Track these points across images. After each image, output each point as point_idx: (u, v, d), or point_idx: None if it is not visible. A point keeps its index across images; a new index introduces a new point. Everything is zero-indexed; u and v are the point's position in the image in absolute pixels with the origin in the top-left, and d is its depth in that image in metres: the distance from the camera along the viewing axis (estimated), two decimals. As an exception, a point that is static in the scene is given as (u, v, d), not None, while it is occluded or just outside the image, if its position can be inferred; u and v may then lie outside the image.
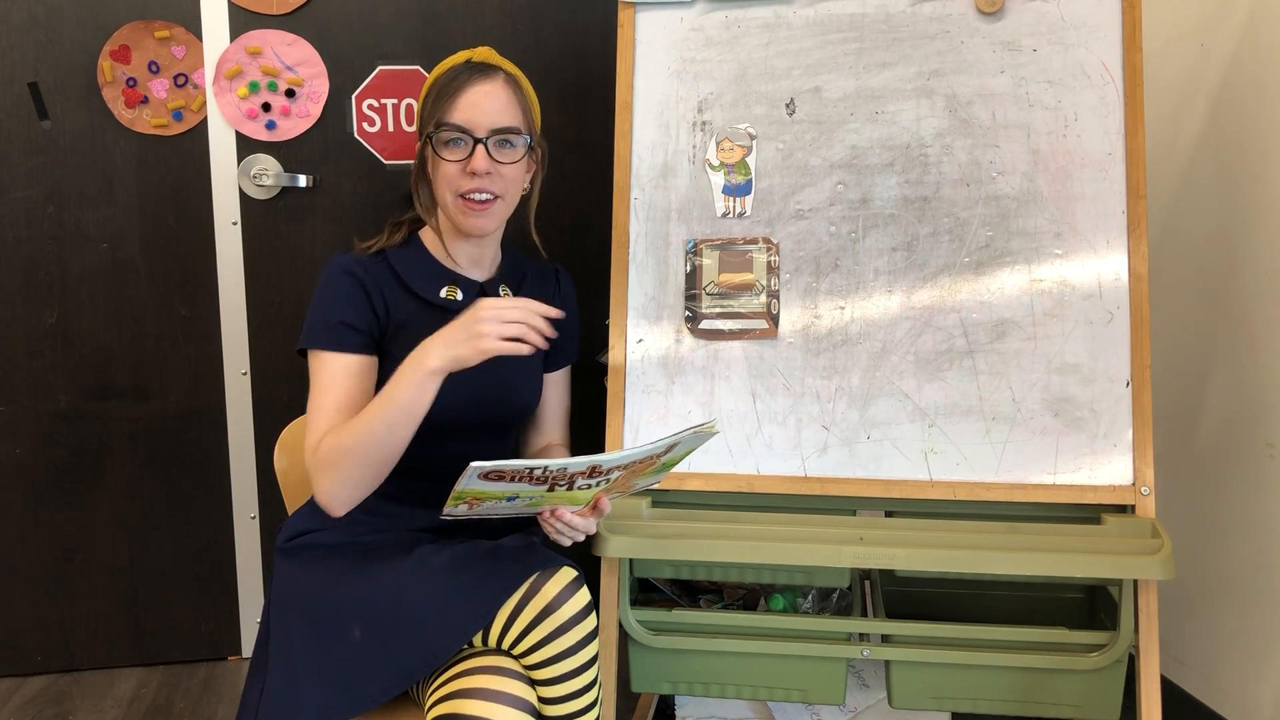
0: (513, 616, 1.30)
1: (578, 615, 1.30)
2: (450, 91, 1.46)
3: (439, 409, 1.41)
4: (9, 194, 2.16)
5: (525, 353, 1.32)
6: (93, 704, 2.20)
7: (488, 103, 1.46)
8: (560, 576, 1.31)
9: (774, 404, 1.63)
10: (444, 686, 1.29)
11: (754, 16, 1.68)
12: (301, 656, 1.32)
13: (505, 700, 1.27)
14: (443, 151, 1.46)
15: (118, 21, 2.13)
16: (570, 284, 1.70)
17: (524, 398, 1.59)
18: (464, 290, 1.54)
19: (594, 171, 2.30)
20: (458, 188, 1.46)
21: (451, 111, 1.45)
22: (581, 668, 1.31)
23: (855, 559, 1.50)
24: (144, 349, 2.24)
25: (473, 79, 1.46)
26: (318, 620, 1.34)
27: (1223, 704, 1.91)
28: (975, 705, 1.58)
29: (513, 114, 1.48)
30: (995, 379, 1.59)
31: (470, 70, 1.47)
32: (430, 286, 1.52)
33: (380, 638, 1.30)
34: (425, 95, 1.50)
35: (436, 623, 1.29)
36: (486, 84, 1.47)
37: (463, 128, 1.45)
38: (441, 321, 1.43)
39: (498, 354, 1.31)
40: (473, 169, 1.44)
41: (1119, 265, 1.58)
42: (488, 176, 1.46)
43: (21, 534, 2.26)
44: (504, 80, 1.49)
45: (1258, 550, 1.83)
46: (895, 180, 1.63)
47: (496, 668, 1.29)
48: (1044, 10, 1.61)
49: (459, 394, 1.43)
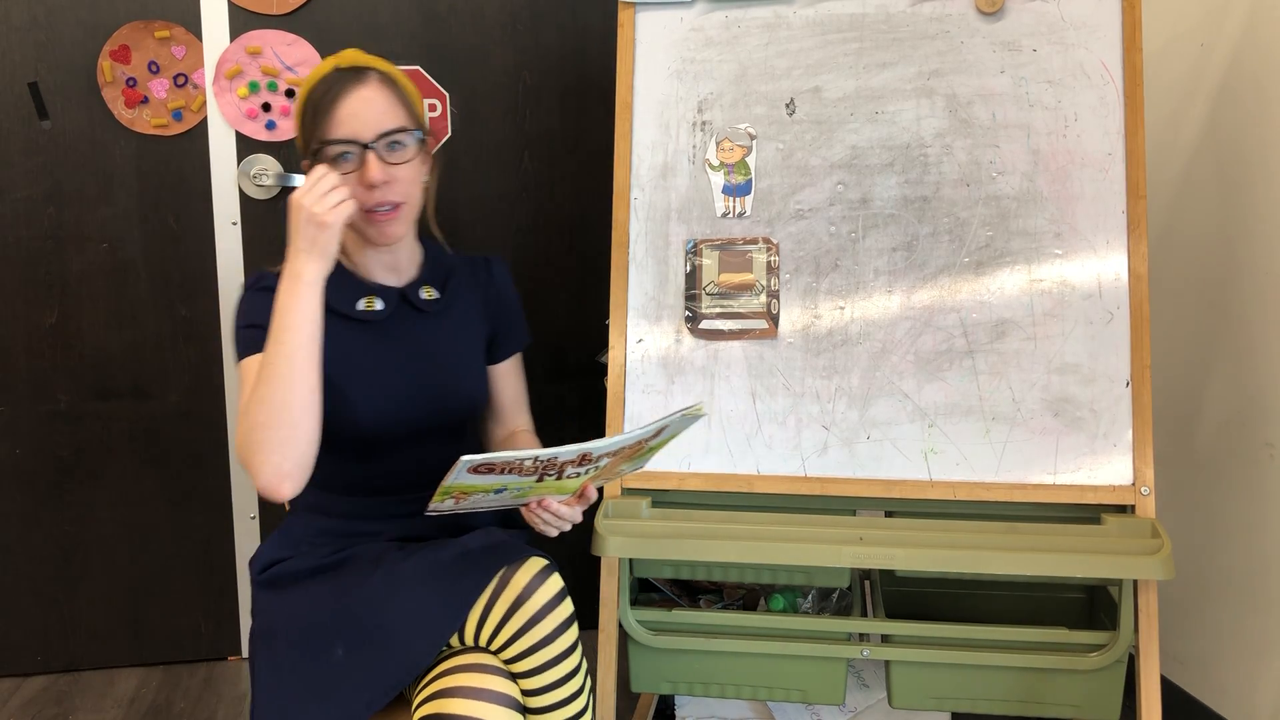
0: (486, 612, 1.30)
1: (550, 603, 1.30)
2: (326, 105, 1.39)
3: (375, 421, 1.42)
4: (9, 194, 2.16)
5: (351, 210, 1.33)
6: (93, 704, 2.20)
7: (367, 109, 1.39)
8: (529, 566, 1.31)
9: (774, 404, 1.63)
10: (428, 686, 1.29)
11: (754, 16, 1.68)
12: (289, 679, 1.32)
13: (489, 697, 1.27)
14: (333, 167, 1.38)
15: (118, 21, 2.13)
16: (504, 270, 1.63)
17: (466, 395, 1.54)
18: (383, 299, 1.49)
19: (594, 171, 2.30)
20: (359, 202, 1.39)
21: (332, 126, 1.38)
22: (561, 655, 1.31)
23: (855, 559, 1.50)
24: (144, 349, 2.24)
25: (346, 87, 1.40)
26: (301, 644, 1.34)
27: (1222, 704, 1.91)
28: (975, 705, 1.58)
29: (395, 114, 1.42)
30: (995, 379, 1.59)
31: (342, 78, 1.40)
32: (347, 301, 1.47)
33: (361, 653, 1.29)
34: (301, 114, 1.43)
35: (412, 632, 1.28)
36: (362, 89, 1.40)
37: (347, 139, 1.38)
38: (360, 333, 1.44)
39: (344, 218, 1.31)
40: (369, 181, 1.38)
41: (1119, 265, 1.58)
42: (386, 186, 1.39)
43: (21, 534, 2.26)
44: (378, 80, 1.42)
45: (1257, 550, 1.83)
46: (895, 180, 1.63)
47: (479, 665, 1.29)
48: (1044, 10, 1.61)
49: (390, 404, 1.44)
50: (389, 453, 1.47)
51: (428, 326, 1.51)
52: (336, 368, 1.42)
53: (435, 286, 1.54)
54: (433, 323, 1.52)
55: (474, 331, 1.57)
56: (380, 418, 1.44)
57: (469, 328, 1.56)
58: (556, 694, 1.31)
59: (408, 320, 1.50)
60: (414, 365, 1.48)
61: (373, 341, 1.47)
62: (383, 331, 1.48)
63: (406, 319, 1.50)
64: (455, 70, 2.24)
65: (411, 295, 1.51)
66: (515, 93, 2.27)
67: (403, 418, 1.46)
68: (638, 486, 1.63)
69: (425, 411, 1.48)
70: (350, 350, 1.44)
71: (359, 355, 1.45)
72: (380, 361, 1.46)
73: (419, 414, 1.47)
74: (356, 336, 1.46)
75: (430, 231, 1.58)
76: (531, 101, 2.27)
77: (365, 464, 1.47)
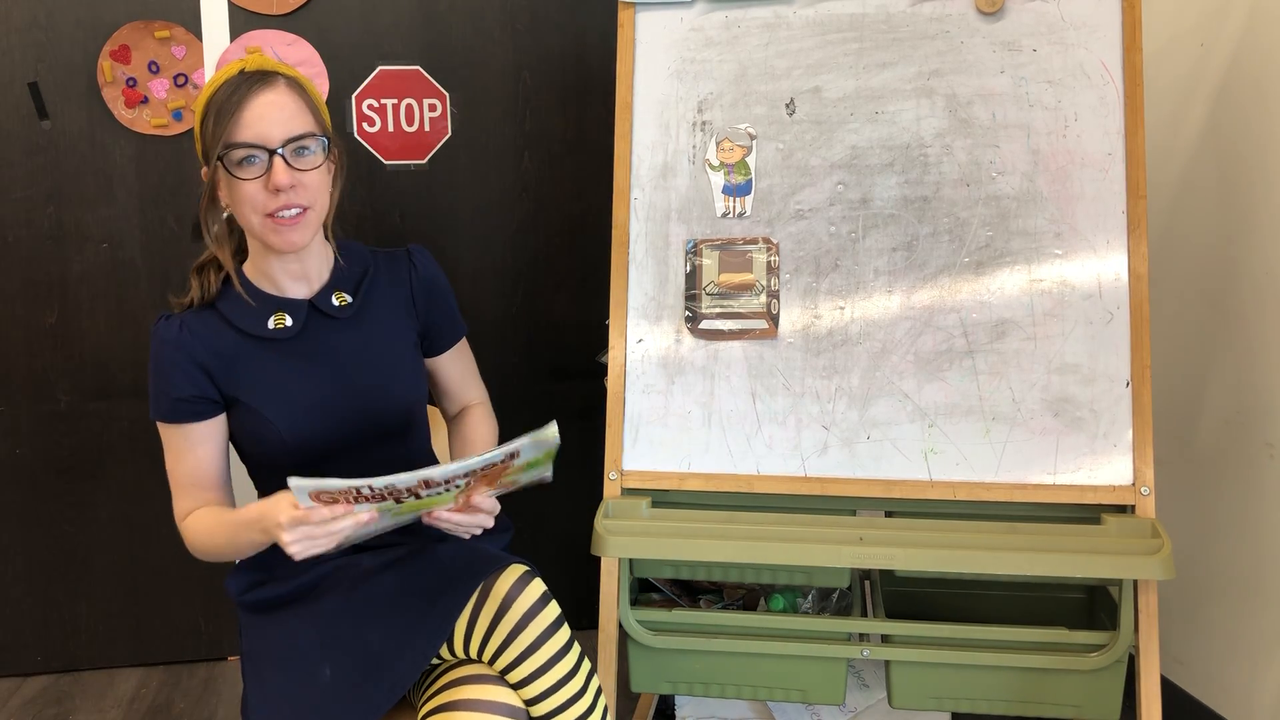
0: (471, 624, 1.29)
1: (534, 607, 1.29)
2: (231, 108, 1.33)
3: (301, 438, 1.40)
4: (9, 194, 2.16)
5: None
6: (93, 704, 2.20)
7: (274, 112, 1.33)
8: (509, 574, 1.30)
9: (774, 404, 1.63)
10: (432, 700, 1.29)
11: (754, 16, 1.68)
12: (279, 702, 1.32)
13: (494, 709, 1.26)
14: (238, 172, 1.33)
15: (118, 21, 2.13)
16: (427, 260, 1.56)
17: (396, 397, 1.48)
18: (292, 314, 1.43)
19: (594, 171, 2.30)
20: (263, 207, 1.34)
21: (238, 129, 1.32)
22: (554, 658, 1.30)
23: (855, 559, 1.50)
24: (144, 349, 2.24)
25: (252, 90, 1.34)
26: (287, 667, 1.33)
27: (1223, 704, 1.91)
28: (975, 705, 1.58)
29: (303, 119, 1.36)
30: (995, 379, 1.59)
31: (247, 81, 1.35)
32: (258, 322, 1.42)
33: (347, 674, 1.29)
34: (203, 116, 1.37)
35: (395, 653, 1.28)
36: (269, 93, 1.34)
37: (254, 144, 1.32)
38: (274, 353, 1.41)
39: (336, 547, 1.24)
40: (275, 185, 1.32)
41: (1119, 265, 1.58)
42: (292, 190, 1.34)
43: (21, 534, 2.26)
44: (285, 85, 1.37)
45: (1258, 550, 1.83)
46: (895, 180, 1.63)
47: (480, 675, 1.29)
48: (1044, 10, 1.61)
49: (312, 419, 1.41)
50: (329, 465, 1.40)
51: (344, 334, 1.46)
52: (255, 391, 1.40)
53: (347, 291, 1.47)
54: (349, 329, 1.46)
55: (397, 330, 1.51)
56: (305, 434, 1.40)
57: (392, 327, 1.50)
58: (557, 697, 1.30)
59: (322, 331, 1.45)
60: (333, 376, 1.43)
61: (286, 358, 1.42)
62: (296, 347, 1.43)
63: (320, 330, 1.45)
64: (455, 70, 2.24)
65: (322, 304, 1.45)
66: (515, 93, 2.27)
67: (330, 430, 1.42)
68: (638, 486, 1.63)
69: (354, 420, 1.43)
70: (266, 371, 1.41)
71: (274, 374, 1.41)
72: (296, 378, 1.42)
73: (347, 424, 1.43)
74: (269, 357, 1.42)
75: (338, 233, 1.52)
76: (531, 101, 2.27)
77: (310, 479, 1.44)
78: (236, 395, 1.40)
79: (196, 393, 1.39)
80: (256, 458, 1.46)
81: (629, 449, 1.65)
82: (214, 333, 1.41)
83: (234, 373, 1.40)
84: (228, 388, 1.41)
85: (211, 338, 1.40)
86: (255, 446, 1.43)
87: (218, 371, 1.40)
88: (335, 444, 1.42)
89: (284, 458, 1.41)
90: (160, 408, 1.41)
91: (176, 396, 1.39)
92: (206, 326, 1.41)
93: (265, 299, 1.44)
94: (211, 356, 1.40)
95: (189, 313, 1.43)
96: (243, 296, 1.42)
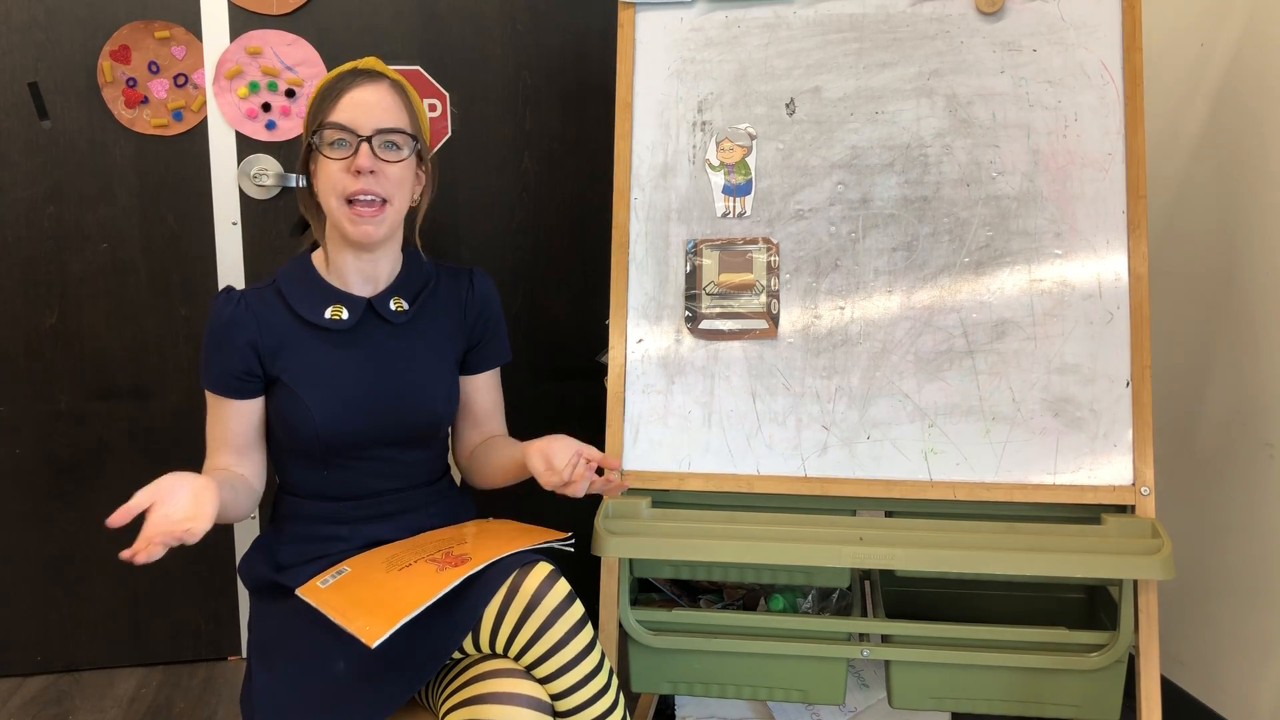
0: (499, 617, 1.30)
1: (561, 605, 1.30)
2: (334, 94, 1.41)
3: (331, 428, 1.43)
4: (9, 194, 2.16)
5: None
6: (93, 704, 2.20)
7: (372, 103, 1.41)
8: (538, 571, 1.31)
9: (774, 404, 1.63)
10: (456, 694, 1.29)
11: (754, 16, 1.68)
12: (289, 692, 1.32)
13: (521, 701, 1.27)
14: (326, 151, 1.41)
15: (118, 21, 2.13)
16: (487, 285, 1.61)
17: (427, 409, 1.51)
18: (350, 308, 1.48)
19: (594, 171, 2.30)
20: (343, 189, 1.40)
21: (334, 112, 1.40)
22: (579, 656, 1.31)
23: (855, 559, 1.50)
24: (144, 349, 2.24)
25: (356, 81, 1.42)
26: (300, 658, 1.34)
27: (1222, 704, 1.91)
28: (975, 705, 1.58)
29: (398, 116, 1.43)
30: (995, 379, 1.59)
31: (354, 75, 1.43)
32: (315, 309, 1.47)
33: (364, 666, 1.29)
34: (311, 101, 1.45)
35: (415, 645, 1.28)
36: (371, 86, 1.42)
37: (346, 126, 1.40)
38: (324, 342, 1.45)
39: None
40: (357, 167, 1.38)
41: (1119, 265, 1.58)
42: (372, 176, 1.39)
43: (21, 534, 2.26)
44: (389, 85, 1.44)
45: (1258, 550, 1.83)
46: (895, 180, 1.63)
47: (507, 670, 1.30)
48: (1044, 10, 1.61)
49: (346, 411, 1.44)
50: (350, 460, 1.47)
51: (393, 338, 1.50)
52: (299, 374, 1.44)
53: (406, 298, 1.52)
54: (399, 334, 1.51)
55: (445, 345, 1.55)
56: (336, 424, 1.44)
57: (440, 341, 1.54)
58: (583, 693, 1.31)
59: (373, 331, 1.49)
60: (374, 375, 1.47)
61: (335, 349, 1.47)
62: (346, 340, 1.48)
63: (372, 329, 1.49)
64: (455, 70, 2.24)
65: (380, 306, 1.49)
66: (515, 93, 2.27)
67: (359, 426, 1.45)
68: (638, 486, 1.63)
69: (383, 422, 1.47)
70: (312, 358, 1.45)
71: (320, 363, 1.45)
72: (340, 369, 1.46)
73: (376, 424, 1.47)
74: (319, 344, 1.46)
75: (416, 245, 1.56)
76: (531, 101, 2.27)
77: (329, 470, 1.48)
78: (279, 375, 1.45)
79: (244, 370, 1.44)
80: (285, 442, 1.49)
81: (629, 449, 1.65)
82: (271, 311, 1.46)
83: (281, 353, 1.45)
84: (272, 367, 1.45)
85: (268, 314, 1.46)
86: (286, 432, 1.47)
87: (266, 350, 1.45)
88: (364, 441, 1.47)
89: (314, 445, 1.45)
90: (209, 377, 1.46)
91: (225, 372, 1.44)
92: (264, 304, 1.47)
93: (327, 288, 1.49)
94: (263, 335, 1.45)
95: (251, 289, 1.49)
96: (308, 280, 1.48)
